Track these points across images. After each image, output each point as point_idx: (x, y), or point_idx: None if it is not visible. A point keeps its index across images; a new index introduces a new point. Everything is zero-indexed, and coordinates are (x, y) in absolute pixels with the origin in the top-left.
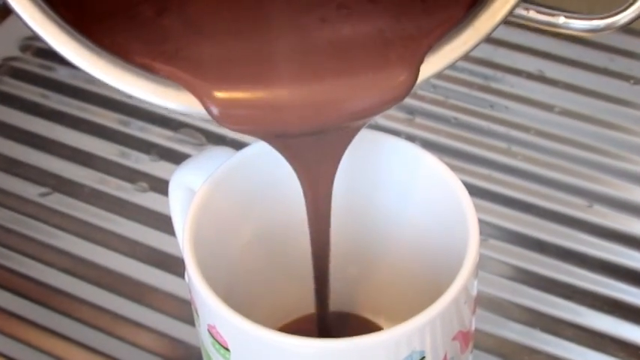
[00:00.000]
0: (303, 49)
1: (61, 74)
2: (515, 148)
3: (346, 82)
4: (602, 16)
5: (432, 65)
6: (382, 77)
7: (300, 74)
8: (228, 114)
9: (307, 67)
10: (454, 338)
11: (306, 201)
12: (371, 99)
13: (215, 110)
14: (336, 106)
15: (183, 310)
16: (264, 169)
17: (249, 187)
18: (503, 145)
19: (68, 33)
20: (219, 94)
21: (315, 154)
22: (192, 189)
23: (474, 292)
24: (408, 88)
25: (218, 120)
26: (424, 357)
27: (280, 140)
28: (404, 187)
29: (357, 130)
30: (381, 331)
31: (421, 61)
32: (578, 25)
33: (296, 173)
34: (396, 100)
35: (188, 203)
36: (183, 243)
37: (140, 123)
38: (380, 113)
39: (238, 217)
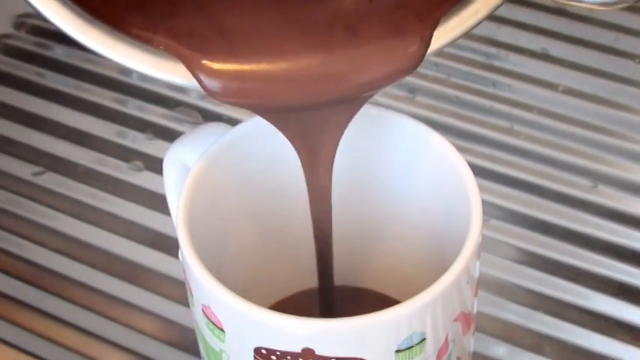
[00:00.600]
0: (308, 21)
1: (56, 52)
2: (517, 128)
3: (352, 52)
4: None
5: (443, 36)
6: (392, 48)
7: (304, 45)
8: (224, 86)
9: (311, 38)
10: (456, 320)
11: (306, 180)
12: (380, 69)
13: (207, 82)
14: (340, 76)
15: (178, 291)
16: (260, 146)
17: (244, 163)
18: (505, 124)
19: (62, 2)
20: (213, 65)
21: (315, 130)
22: (187, 166)
23: (476, 274)
24: (419, 59)
25: (212, 92)
26: (425, 339)
27: (278, 115)
28: (408, 165)
29: (359, 104)
30: (380, 311)
31: (432, 32)
32: None
33: (296, 151)
34: (405, 71)
35: (183, 181)
36: (177, 221)
37: (137, 102)
38: (388, 85)
39: (234, 195)
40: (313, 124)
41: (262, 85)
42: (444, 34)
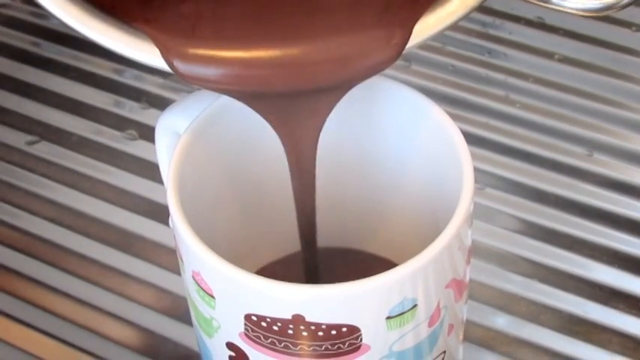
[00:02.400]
0: (288, 10)
1: (53, 22)
2: (513, 96)
3: (329, 41)
4: None
5: (423, 31)
6: (372, 39)
7: (276, 33)
8: (193, 70)
9: (292, 25)
10: (447, 286)
11: (288, 159)
12: (358, 61)
13: (178, 66)
14: (314, 66)
15: (172, 259)
16: (251, 112)
17: (235, 130)
18: (501, 92)
19: None
20: (182, 48)
21: (295, 115)
22: (178, 133)
23: (468, 241)
24: (398, 52)
25: (181, 76)
26: (416, 305)
27: (256, 100)
28: (402, 132)
29: (334, 96)
30: (371, 277)
31: (414, 25)
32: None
33: (276, 132)
34: (382, 64)
35: (174, 148)
36: (167, 187)
37: (135, 72)
38: (364, 78)
39: (224, 161)
40: (291, 113)
41: (233, 70)
42: (424, 29)
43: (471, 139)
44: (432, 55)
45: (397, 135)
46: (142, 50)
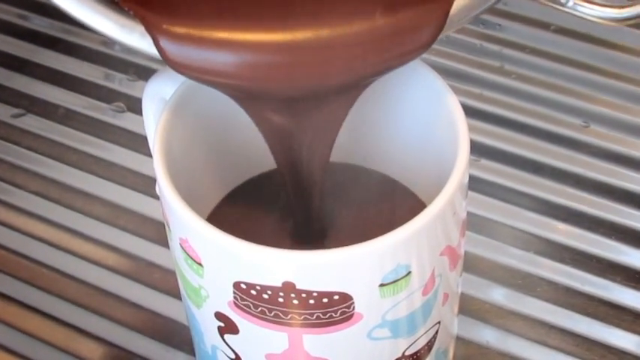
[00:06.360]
0: None
1: None
2: (508, 67)
3: (349, 27)
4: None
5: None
6: (409, 22)
7: (301, 10)
8: (184, 56)
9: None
10: (442, 254)
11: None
12: (392, 46)
13: (167, 48)
14: (339, 54)
15: (160, 232)
16: None
17: (222, 95)
18: (496, 63)
19: None
20: (172, 29)
21: (304, 129)
22: (166, 100)
23: (463, 210)
24: (435, 36)
25: (170, 62)
26: (410, 272)
27: (257, 104)
28: (399, 98)
29: (352, 97)
30: (363, 243)
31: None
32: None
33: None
34: (419, 49)
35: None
36: (154, 153)
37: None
38: (395, 67)
39: (212, 127)
40: (302, 123)
41: (232, 59)
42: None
43: (466, 110)
44: None
45: (396, 101)
46: (132, 33)
